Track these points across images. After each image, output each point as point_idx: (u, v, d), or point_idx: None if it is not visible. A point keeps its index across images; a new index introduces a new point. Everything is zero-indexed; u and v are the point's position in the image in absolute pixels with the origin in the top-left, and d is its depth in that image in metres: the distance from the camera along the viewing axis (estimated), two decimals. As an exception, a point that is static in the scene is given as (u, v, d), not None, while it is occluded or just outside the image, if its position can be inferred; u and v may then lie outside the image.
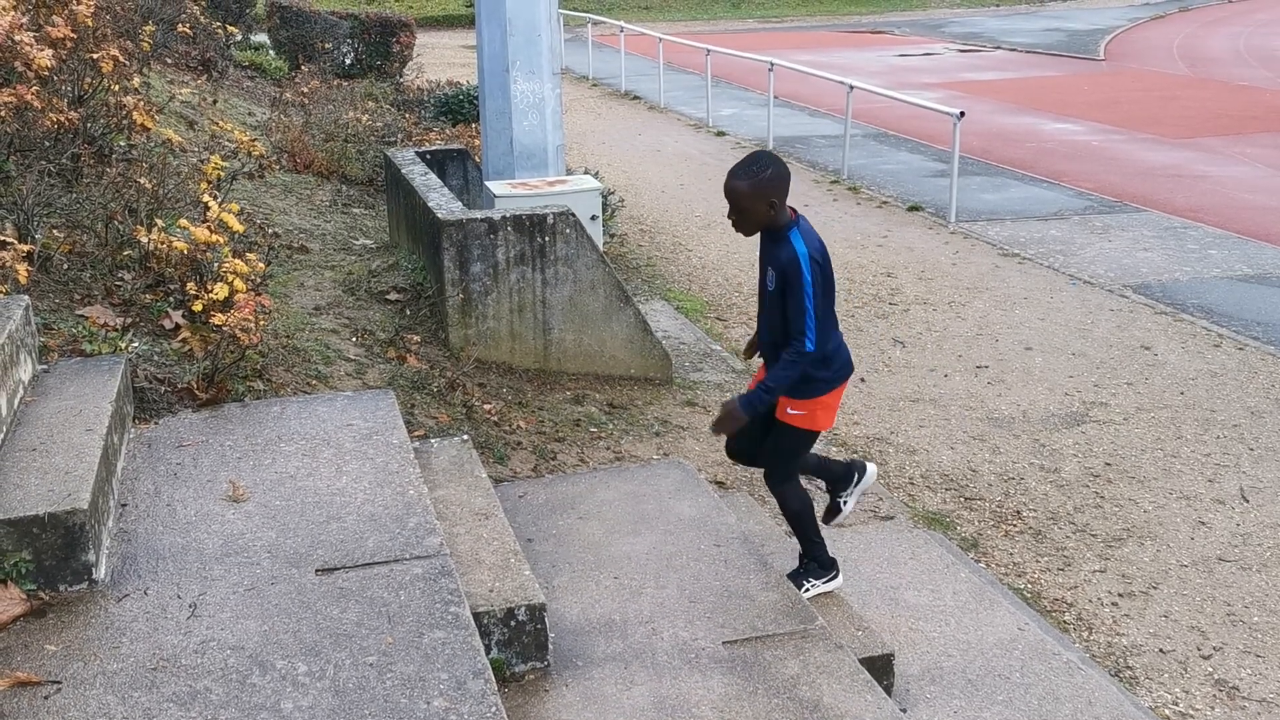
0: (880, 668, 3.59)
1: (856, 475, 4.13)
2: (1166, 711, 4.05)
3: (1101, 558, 5.00)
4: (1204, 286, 8.74)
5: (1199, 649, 4.38)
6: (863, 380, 6.98)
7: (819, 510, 4.11)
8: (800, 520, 3.93)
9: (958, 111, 10.93)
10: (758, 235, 3.67)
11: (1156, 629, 4.50)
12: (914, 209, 11.26)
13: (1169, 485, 5.62)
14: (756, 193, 3.48)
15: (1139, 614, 4.60)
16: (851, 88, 12.84)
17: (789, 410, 3.74)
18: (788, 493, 3.86)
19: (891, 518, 5.25)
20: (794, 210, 3.62)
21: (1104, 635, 4.47)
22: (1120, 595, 4.73)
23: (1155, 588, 4.77)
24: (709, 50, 17.27)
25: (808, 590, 3.90)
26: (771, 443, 3.85)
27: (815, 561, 3.97)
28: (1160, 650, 4.38)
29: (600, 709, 3.08)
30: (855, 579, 4.49)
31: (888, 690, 3.56)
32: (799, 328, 3.51)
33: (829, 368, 3.69)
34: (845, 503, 4.13)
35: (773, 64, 14.91)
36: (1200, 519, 5.30)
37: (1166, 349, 7.43)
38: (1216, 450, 5.99)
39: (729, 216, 3.63)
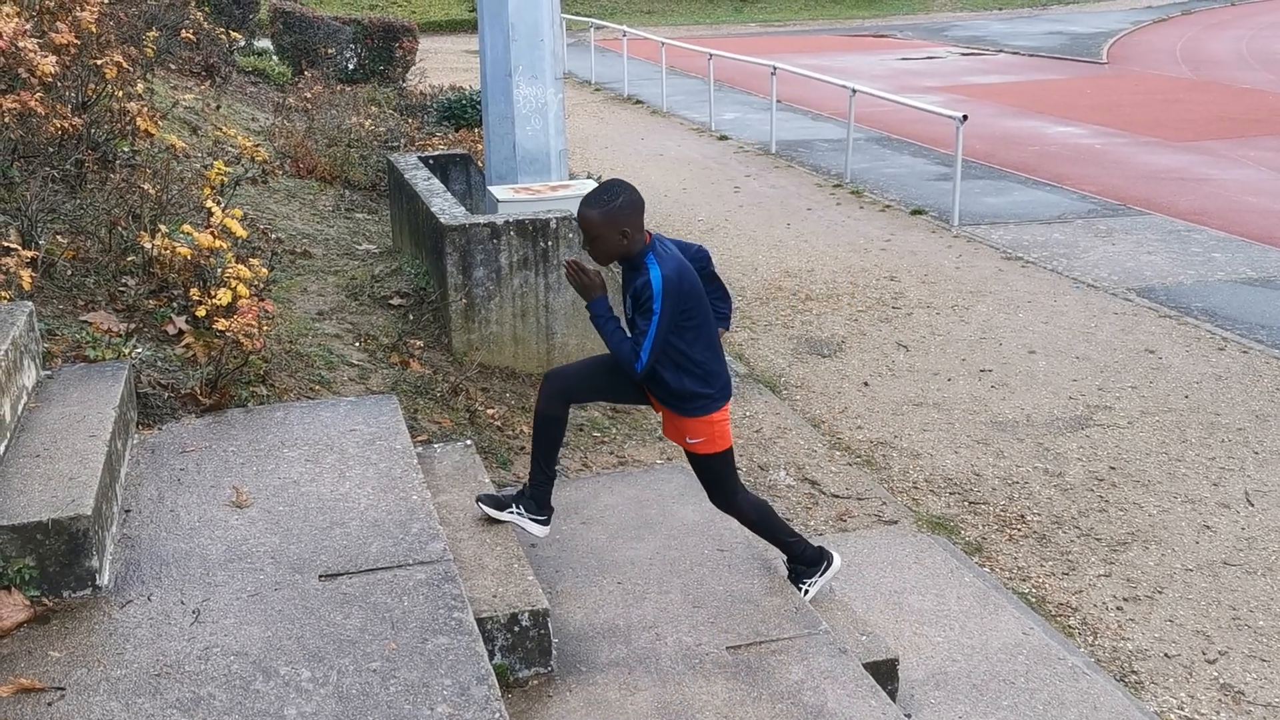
0: (884, 673, 3.59)
1: (825, 563, 3.94)
2: (1172, 716, 4.04)
3: (1106, 562, 4.99)
4: (1208, 290, 8.72)
5: (1204, 653, 4.36)
6: (866, 384, 6.97)
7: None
8: (765, 526, 3.85)
9: (960, 115, 10.93)
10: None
11: (1162, 633, 4.49)
12: (917, 213, 11.26)
13: (1173, 489, 5.61)
14: (608, 221, 3.40)
15: (1144, 618, 4.59)
16: (854, 91, 12.84)
17: (689, 440, 3.66)
18: (739, 507, 3.79)
19: (895, 522, 5.25)
20: (650, 234, 3.51)
21: (1109, 640, 4.46)
22: (1125, 600, 4.72)
23: (1160, 592, 4.76)
24: (711, 54, 17.28)
25: (807, 590, 3.88)
26: (698, 473, 3.77)
27: (801, 561, 3.91)
28: (1165, 655, 4.36)
29: (604, 714, 3.08)
30: (859, 584, 4.48)
31: (892, 695, 3.55)
32: (638, 341, 3.42)
33: (711, 385, 3.59)
34: (807, 589, 3.88)
35: (775, 68, 14.91)
36: (1205, 523, 5.29)
37: (1171, 352, 7.42)
38: (1221, 454, 5.97)
39: (582, 246, 3.53)
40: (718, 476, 3.74)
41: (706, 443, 3.65)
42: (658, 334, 3.42)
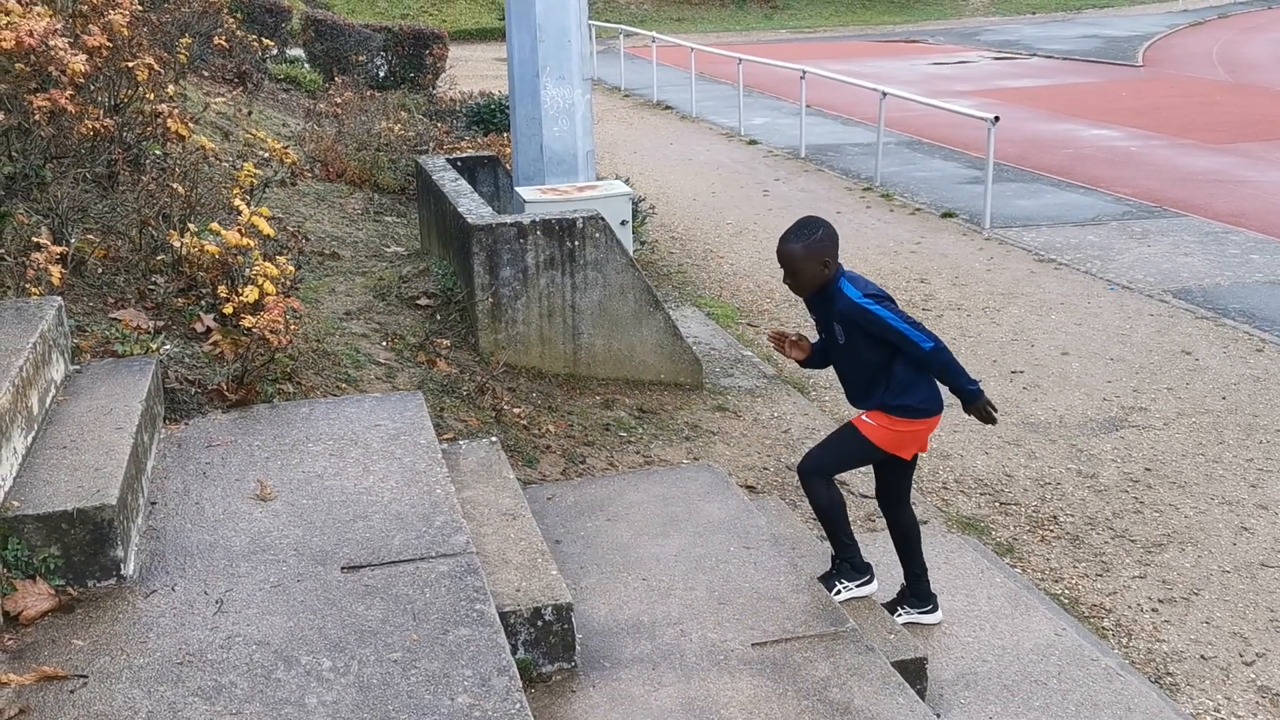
0: (913, 671, 3.53)
1: (868, 578, 3.97)
2: (1208, 718, 3.96)
3: (1141, 563, 4.91)
4: (1246, 291, 8.59)
5: (1241, 655, 4.28)
6: (896, 385, 6.91)
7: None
8: (829, 518, 3.88)
9: (992, 116, 10.83)
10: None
11: (1198, 635, 4.41)
12: (947, 215, 11.17)
13: (1210, 491, 5.51)
14: (810, 255, 3.64)
15: (1180, 620, 4.50)
16: (884, 95, 12.78)
17: (864, 418, 3.79)
18: (816, 487, 3.82)
19: (925, 523, 5.17)
20: (839, 265, 3.75)
21: (1144, 641, 4.38)
22: (1160, 601, 4.63)
23: (1196, 594, 4.67)
24: (740, 59, 17.25)
25: (839, 593, 3.85)
26: (834, 434, 3.87)
27: (848, 564, 3.91)
28: (1201, 657, 4.28)
29: (628, 710, 3.05)
30: (888, 583, 4.42)
31: (920, 694, 3.50)
32: (907, 343, 3.63)
33: (916, 396, 3.74)
34: (839, 590, 3.91)
35: (805, 72, 14.87)
36: (1243, 524, 5.19)
37: (1208, 354, 7.31)
38: (1259, 455, 5.87)
39: (784, 280, 3.77)
40: (843, 455, 3.87)
41: (875, 429, 3.75)
42: (907, 323, 3.64)
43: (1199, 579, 4.78)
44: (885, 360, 3.73)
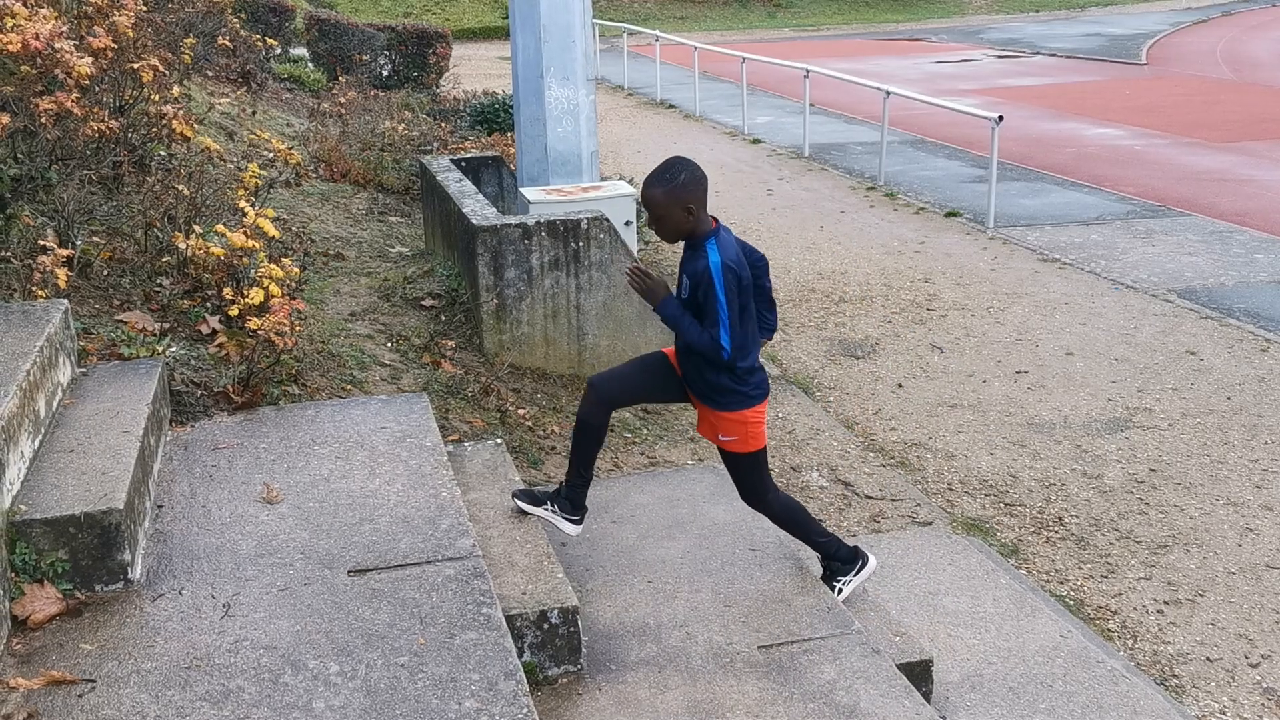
0: (919, 674, 3.53)
1: (860, 562, 3.91)
2: (1214, 721, 3.96)
3: (1146, 565, 4.91)
4: (1250, 290, 8.58)
5: (1247, 657, 4.27)
6: (900, 386, 6.91)
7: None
8: (796, 526, 3.81)
9: (996, 116, 10.82)
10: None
11: (1203, 637, 4.40)
12: (951, 215, 11.16)
13: (1215, 491, 5.51)
14: (672, 199, 3.43)
15: (1185, 622, 4.50)
16: (888, 93, 12.76)
17: (722, 438, 3.65)
18: (770, 506, 3.75)
19: (930, 523, 5.18)
20: (715, 220, 3.54)
21: (1149, 643, 4.38)
22: (1166, 603, 4.63)
23: (1202, 595, 4.67)
24: (744, 58, 17.24)
25: (841, 590, 3.83)
26: (730, 471, 3.76)
27: (835, 560, 3.87)
28: (1207, 658, 4.28)
29: (634, 713, 3.05)
30: (893, 585, 4.43)
31: (926, 697, 3.50)
32: (714, 332, 3.42)
33: (746, 383, 3.58)
34: (840, 588, 3.85)
35: (808, 71, 14.86)
36: (1248, 525, 5.18)
37: (1212, 354, 7.30)
38: (1264, 456, 5.86)
39: (648, 225, 3.56)
40: (749, 475, 3.71)
41: (739, 441, 3.63)
42: (729, 318, 3.43)
43: (1204, 580, 4.77)
44: None
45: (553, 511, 3.69)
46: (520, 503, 3.68)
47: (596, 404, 3.62)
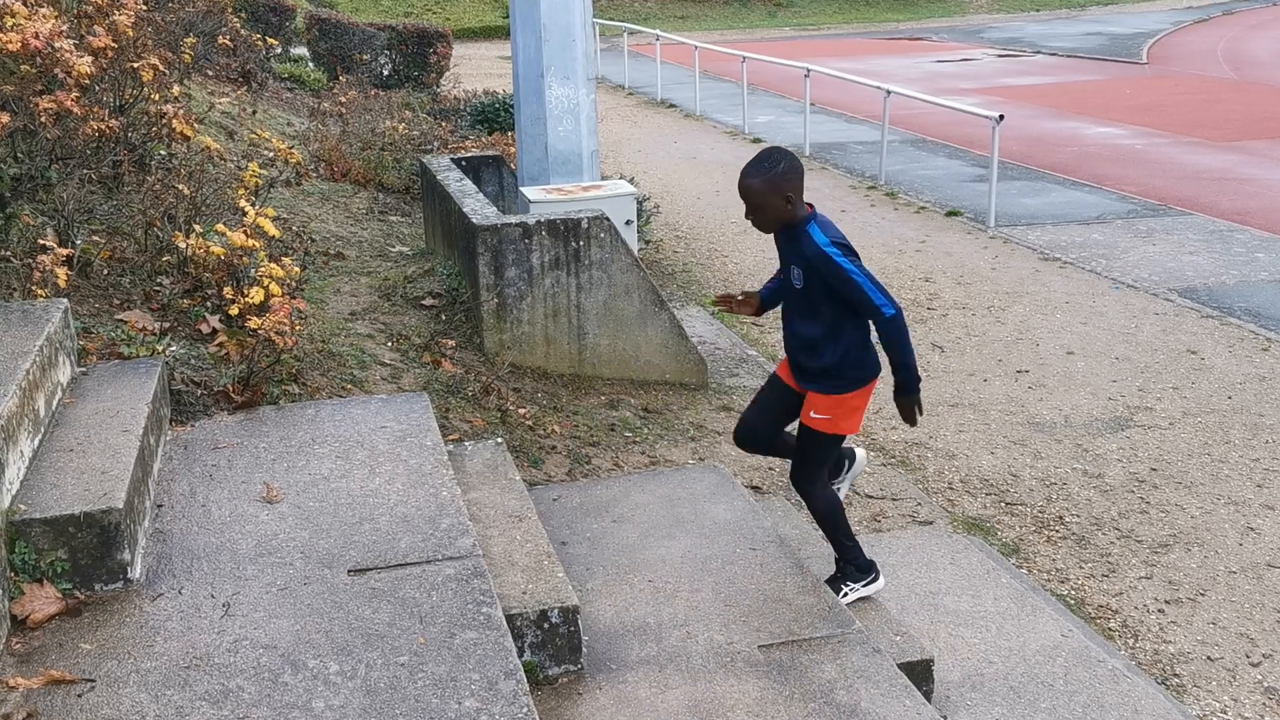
0: (920, 673, 3.53)
1: (846, 463, 4.04)
2: (1215, 720, 3.95)
3: (1147, 564, 4.90)
4: (1251, 290, 8.57)
5: (1248, 656, 4.27)
6: (901, 385, 6.90)
7: None
8: (830, 521, 3.85)
9: (996, 115, 10.82)
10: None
11: (1204, 636, 4.40)
12: (952, 214, 11.16)
13: (1216, 491, 5.50)
14: (771, 188, 3.47)
15: (1186, 621, 4.50)
16: (889, 93, 12.76)
17: (813, 414, 3.68)
18: (814, 493, 3.80)
19: (930, 523, 5.18)
20: (811, 206, 3.61)
21: (1150, 642, 4.38)
22: (1167, 602, 4.63)
23: (1203, 594, 4.66)
24: (745, 57, 17.23)
25: (846, 595, 3.84)
26: (799, 444, 3.81)
27: (852, 565, 3.90)
28: (1208, 658, 4.27)
29: (635, 713, 3.05)
30: (894, 584, 4.42)
31: (927, 696, 3.50)
32: (869, 305, 3.50)
33: (862, 366, 3.65)
34: (846, 593, 3.88)
35: (809, 70, 14.85)
36: (1249, 525, 5.18)
37: (1213, 353, 7.29)
38: (1265, 455, 5.86)
39: (746, 216, 3.60)
40: (820, 455, 3.77)
41: (830, 422, 3.68)
42: (870, 282, 3.49)
43: (1205, 580, 4.77)
44: (837, 318, 3.58)
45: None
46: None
47: (745, 445, 3.88)
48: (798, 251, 3.56)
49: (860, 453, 4.09)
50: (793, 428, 3.92)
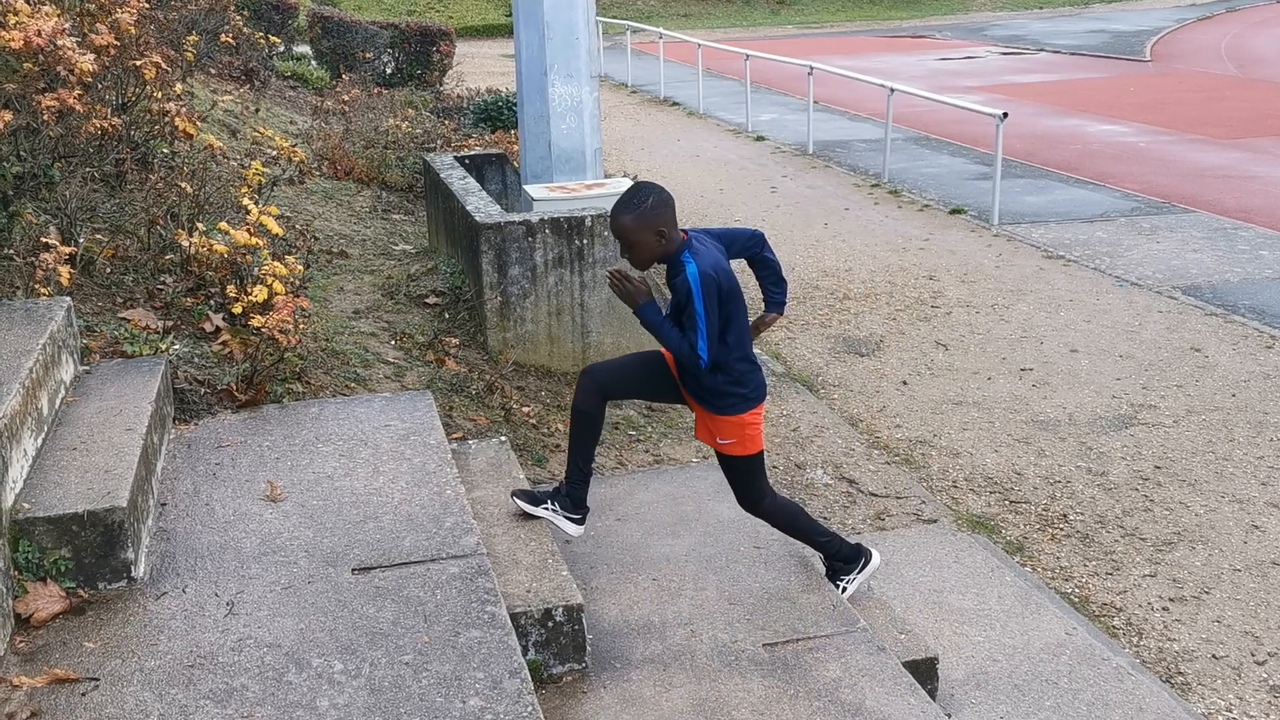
0: (924, 671, 3.52)
1: (864, 560, 3.88)
2: (1220, 718, 3.94)
3: (1152, 562, 4.89)
4: (1255, 287, 8.55)
5: (1253, 654, 4.26)
6: (905, 383, 6.90)
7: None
8: (796, 527, 3.78)
9: (1000, 113, 10.80)
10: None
11: (1209, 634, 4.39)
12: (956, 212, 11.14)
13: (1221, 489, 5.49)
14: (642, 224, 3.37)
15: (1191, 619, 4.49)
16: (892, 91, 12.74)
17: (720, 441, 3.61)
18: (769, 510, 3.72)
19: (934, 521, 5.17)
20: (685, 232, 3.48)
21: (1155, 640, 4.37)
22: (1171, 600, 4.62)
23: (1207, 592, 4.66)
24: (748, 55, 17.22)
25: (845, 588, 3.81)
26: (727, 476, 3.73)
27: (838, 559, 3.84)
28: (1213, 656, 4.26)
29: (639, 711, 3.04)
30: (898, 582, 4.42)
31: (931, 694, 3.49)
32: (690, 338, 3.38)
33: (744, 384, 3.53)
34: (845, 586, 3.82)
35: (812, 68, 14.84)
36: (1254, 523, 5.17)
37: (1217, 351, 7.28)
38: (1270, 453, 5.84)
39: (621, 255, 3.50)
40: (747, 480, 3.68)
41: (737, 444, 3.60)
42: (707, 328, 3.37)
43: (1210, 577, 4.76)
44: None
45: (553, 511, 3.66)
46: (520, 503, 3.66)
47: (589, 392, 3.58)
48: (671, 278, 3.46)
49: (877, 556, 3.92)
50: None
